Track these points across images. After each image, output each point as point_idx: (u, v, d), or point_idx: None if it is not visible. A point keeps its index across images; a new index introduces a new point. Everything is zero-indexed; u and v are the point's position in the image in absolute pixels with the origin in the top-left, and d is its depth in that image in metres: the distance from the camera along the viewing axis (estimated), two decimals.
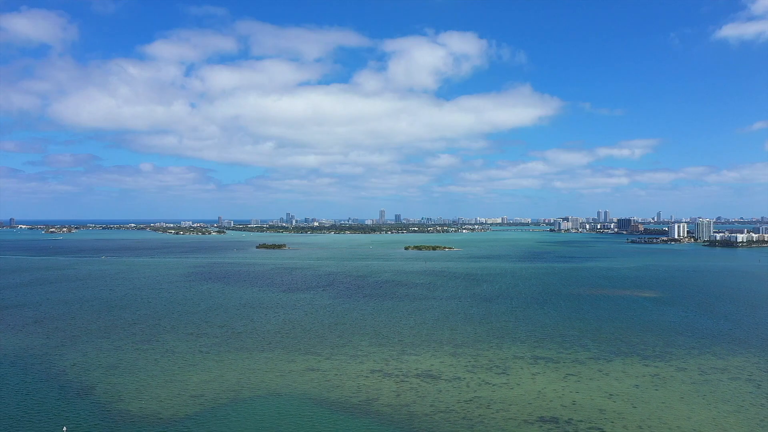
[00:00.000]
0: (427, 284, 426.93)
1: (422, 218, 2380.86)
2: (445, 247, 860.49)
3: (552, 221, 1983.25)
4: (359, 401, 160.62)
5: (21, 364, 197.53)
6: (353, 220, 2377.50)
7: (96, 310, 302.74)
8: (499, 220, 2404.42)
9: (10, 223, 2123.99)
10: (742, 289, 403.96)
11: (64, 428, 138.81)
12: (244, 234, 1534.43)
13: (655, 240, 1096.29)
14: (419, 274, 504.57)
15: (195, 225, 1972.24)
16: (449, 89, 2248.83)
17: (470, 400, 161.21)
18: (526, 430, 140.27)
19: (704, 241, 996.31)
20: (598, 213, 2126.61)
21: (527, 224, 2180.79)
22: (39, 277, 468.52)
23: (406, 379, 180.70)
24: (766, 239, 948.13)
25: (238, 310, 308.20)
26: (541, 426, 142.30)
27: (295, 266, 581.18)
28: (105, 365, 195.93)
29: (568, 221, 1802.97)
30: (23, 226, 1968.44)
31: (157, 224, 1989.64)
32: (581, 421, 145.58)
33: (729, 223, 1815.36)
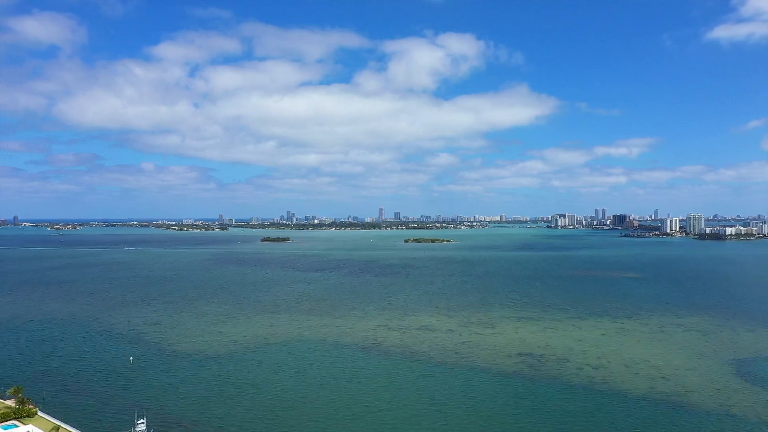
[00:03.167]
0: (428, 267, 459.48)
1: (421, 216, 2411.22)
2: (443, 240, 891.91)
3: (549, 218, 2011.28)
4: (369, 344, 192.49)
5: (79, 322, 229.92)
6: (353, 219, 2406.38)
7: (131, 287, 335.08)
8: (497, 218, 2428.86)
9: (14, 221, 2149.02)
10: (718, 271, 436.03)
11: (131, 358, 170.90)
12: (243, 231, 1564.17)
13: (647, 234, 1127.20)
14: (420, 259, 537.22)
15: (197, 223, 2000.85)
16: (448, 89, 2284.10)
17: (462, 343, 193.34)
18: (506, 360, 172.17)
19: (695, 235, 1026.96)
20: (596, 211, 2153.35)
21: (525, 222, 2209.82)
22: (70, 262, 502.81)
23: (408, 331, 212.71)
24: (754, 233, 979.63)
25: (258, 285, 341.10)
26: (518, 358, 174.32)
27: (303, 254, 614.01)
28: (150, 322, 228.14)
29: (564, 218, 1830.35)
30: (27, 224, 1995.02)
31: (160, 222, 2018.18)
32: (552, 355, 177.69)
33: (726, 221, 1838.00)
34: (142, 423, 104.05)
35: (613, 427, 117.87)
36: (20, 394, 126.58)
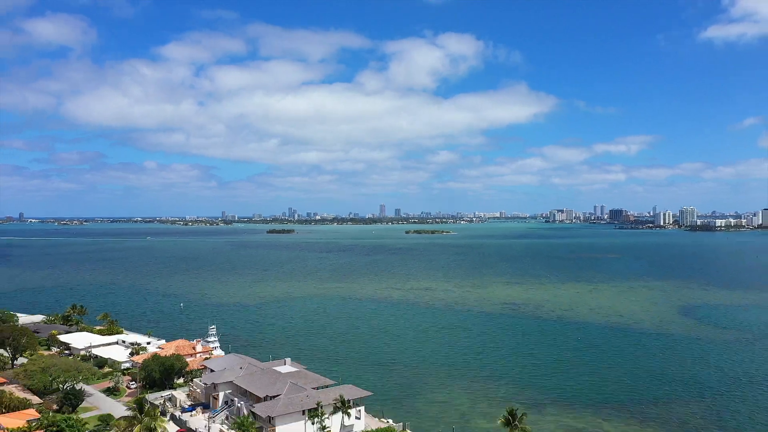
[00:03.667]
0: (430, 250, 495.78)
1: (422, 213, 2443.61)
2: (443, 231, 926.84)
3: (548, 214, 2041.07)
4: (376, 297, 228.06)
5: (130, 285, 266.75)
6: (354, 215, 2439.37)
7: (164, 263, 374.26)
8: (497, 215, 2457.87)
9: (20, 218, 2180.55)
10: (696, 253, 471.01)
11: (181, 304, 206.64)
12: (248, 226, 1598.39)
13: (640, 227, 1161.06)
14: (423, 245, 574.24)
15: (201, 219, 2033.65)
16: (447, 88, 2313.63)
17: (455, 296, 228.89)
18: (493, 306, 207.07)
19: (686, 227, 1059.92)
20: (595, 207, 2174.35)
21: (524, 218, 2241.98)
22: (101, 247, 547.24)
23: (409, 290, 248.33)
24: (743, 224, 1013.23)
25: (276, 262, 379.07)
26: (503, 305, 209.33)
27: (312, 241, 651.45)
28: (189, 285, 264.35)
29: (562, 213, 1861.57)
30: (33, 220, 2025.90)
31: (164, 218, 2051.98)
32: (531, 303, 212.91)
33: (723, 217, 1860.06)
34: (213, 328, 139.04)
35: (571, 339, 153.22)
36: (108, 318, 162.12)
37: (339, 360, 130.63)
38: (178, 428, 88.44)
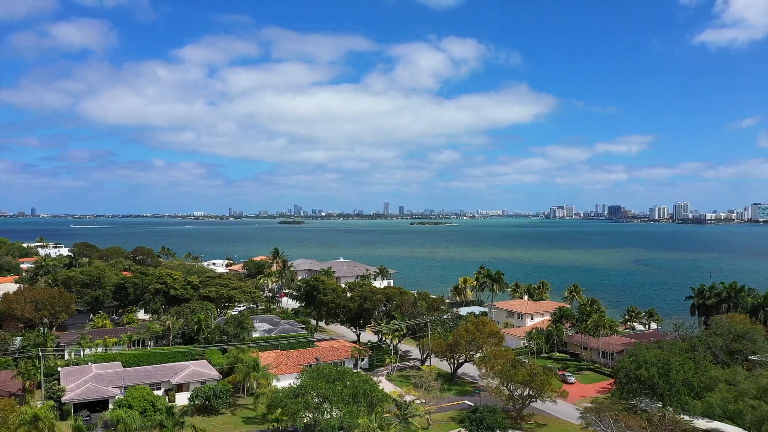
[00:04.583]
0: (436, 233, 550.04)
1: (425, 210, 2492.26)
2: (446, 223, 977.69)
3: (548, 211, 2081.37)
4: (396, 256, 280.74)
5: (196, 250, 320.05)
6: (358, 212, 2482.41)
7: (212, 239, 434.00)
8: (499, 212, 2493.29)
9: (32, 213, 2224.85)
10: (674, 236, 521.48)
11: (235, 255, 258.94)
12: (257, 220, 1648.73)
13: (636, 220, 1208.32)
14: (430, 230, 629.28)
15: (209, 215, 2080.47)
16: (449, 89, 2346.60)
17: (456, 255, 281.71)
18: (484, 258, 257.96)
19: (679, 220, 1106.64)
20: (596, 206, 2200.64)
21: (526, 215, 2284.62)
22: (151, 230, 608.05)
23: (421, 251, 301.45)
24: (732, 218, 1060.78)
25: (307, 238, 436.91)
26: (493, 258, 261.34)
27: (327, 228, 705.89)
28: (240, 250, 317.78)
29: (562, 209, 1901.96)
30: (45, 215, 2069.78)
31: (172, 214, 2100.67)
32: (515, 258, 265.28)
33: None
34: (280, 257, 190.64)
35: (541, 270, 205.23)
36: (191, 255, 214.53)
37: None
38: None
